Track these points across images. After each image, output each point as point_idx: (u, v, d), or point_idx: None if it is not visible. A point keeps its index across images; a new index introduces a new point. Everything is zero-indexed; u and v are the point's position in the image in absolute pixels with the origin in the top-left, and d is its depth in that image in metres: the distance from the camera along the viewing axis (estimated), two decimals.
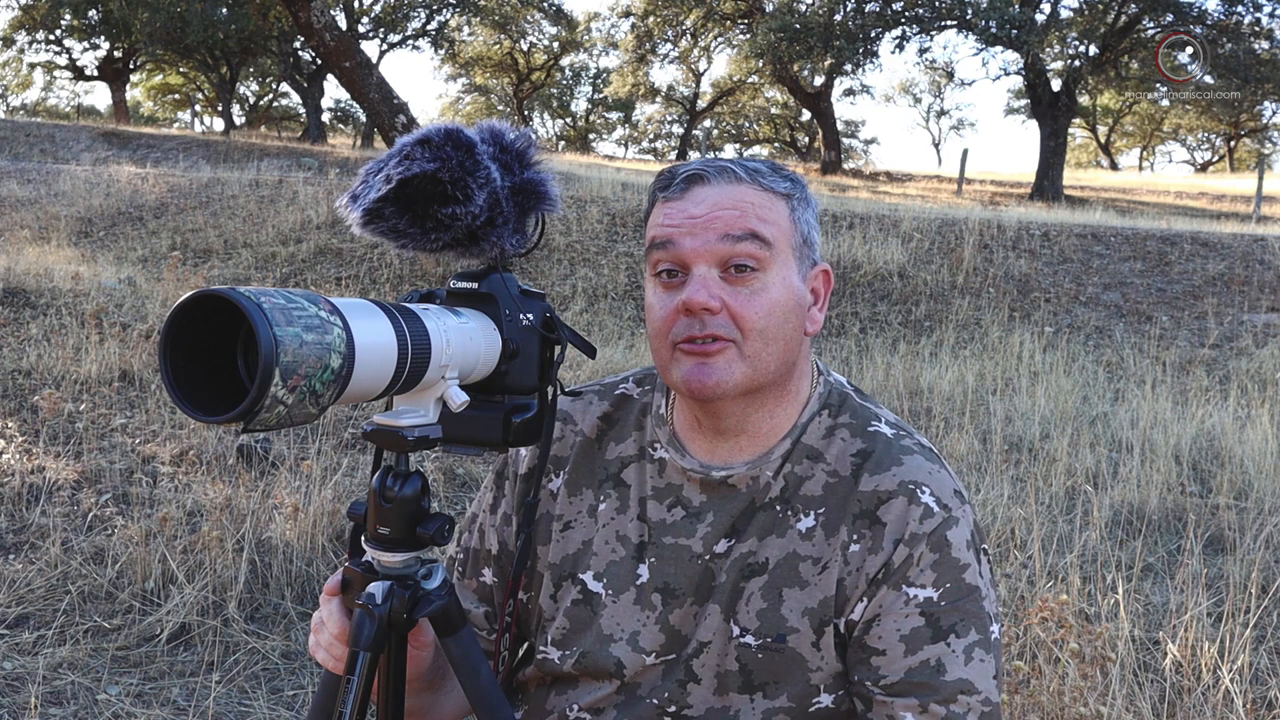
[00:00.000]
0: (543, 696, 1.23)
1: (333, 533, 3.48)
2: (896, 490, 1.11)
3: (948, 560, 1.09)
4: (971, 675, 1.07)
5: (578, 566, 1.20)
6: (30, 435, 4.32)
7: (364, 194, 0.98)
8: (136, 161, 16.95)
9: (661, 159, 40.55)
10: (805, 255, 1.14)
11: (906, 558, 1.09)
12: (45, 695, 2.67)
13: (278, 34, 25.49)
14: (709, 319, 1.08)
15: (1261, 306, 8.62)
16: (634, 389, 1.26)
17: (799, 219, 1.14)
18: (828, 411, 1.18)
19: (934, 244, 9.87)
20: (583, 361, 5.75)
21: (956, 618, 1.09)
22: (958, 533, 1.11)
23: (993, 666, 1.09)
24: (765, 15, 23.46)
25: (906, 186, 22.48)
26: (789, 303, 1.11)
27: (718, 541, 1.15)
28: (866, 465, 1.13)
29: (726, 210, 1.10)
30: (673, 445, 1.19)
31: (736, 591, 1.13)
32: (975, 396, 5.97)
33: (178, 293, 7.00)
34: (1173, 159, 71.35)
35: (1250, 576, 3.21)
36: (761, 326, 1.09)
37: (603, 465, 1.22)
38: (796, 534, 1.13)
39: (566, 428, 1.25)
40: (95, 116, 37.98)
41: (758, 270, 1.09)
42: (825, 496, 1.13)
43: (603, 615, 1.17)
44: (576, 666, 1.18)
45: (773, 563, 1.13)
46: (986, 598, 1.11)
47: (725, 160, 1.14)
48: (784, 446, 1.16)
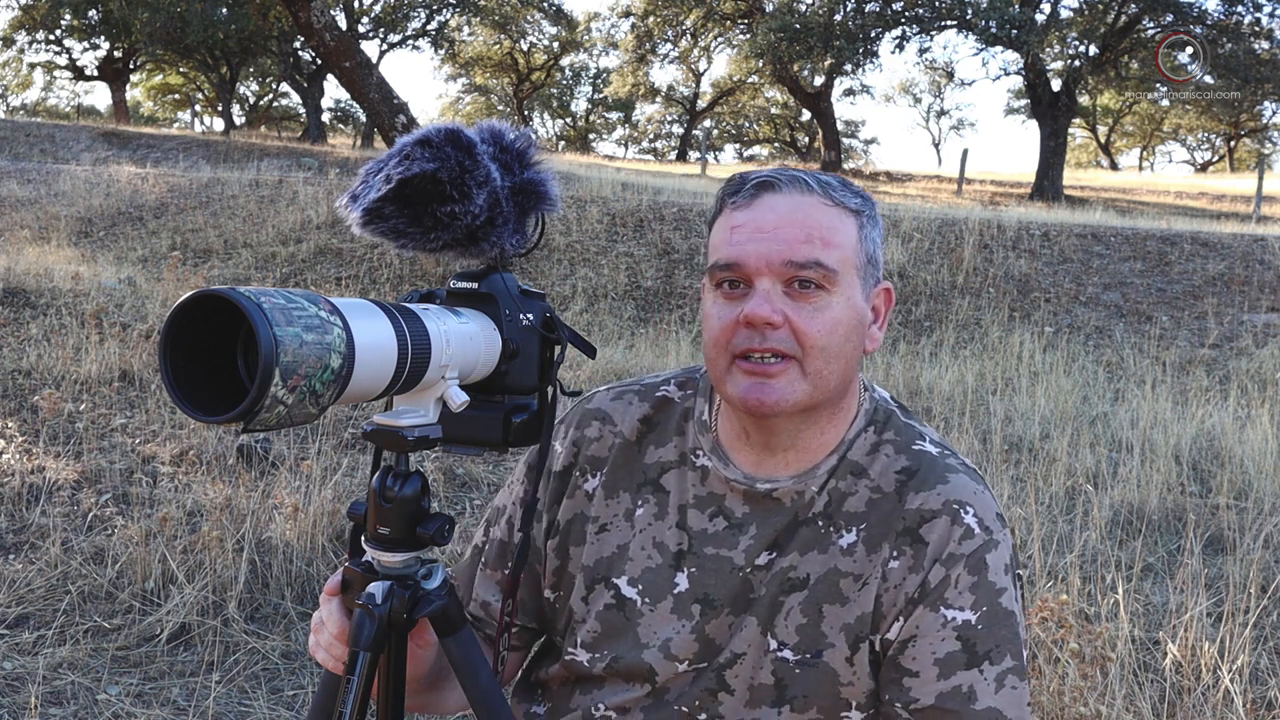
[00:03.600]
0: (567, 694, 1.23)
1: (333, 533, 3.48)
2: (941, 510, 1.10)
3: (985, 583, 1.09)
4: (1001, 704, 1.07)
5: (612, 570, 1.19)
6: (30, 435, 4.32)
7: (364, 194, 0.98)
8: (136, 161, 16.95)
9: (661, 159, 40.55)
10: (869, 274, 1.13)
11: (944, 578, 1.09)
12: (45, 695, 2.67)
13: (278, 34, 25.49)
14: (770, 333, 1.07)
15: (1261, 306, 8.62)
16: (676, 392, 1.24)
17: (866, 237, 1.12)
18: (873, 428, 1.17)
19: (934, 244, 9.87)
20: (583, 361, 5.75)
21: (992, 644, 1.08)
22: (996, 556, 1.10)
23: (1024, 694, 1.08)
24: (765, 15, 23.45)
25: (906, 186, 22.48)
26: (851, 321, 1.10)
27: (760, 555, 1.13)
28: (911, 483, 1.12)
29: (794, 228, 1.08)
30: (715, 454, 1.18)
31: (775, 606, 1.12)
32: (975, 396, 5.97)
33: (178, 293, 7.00)
34: (1173, 159, 71.37)
35: (1250, 576, 3.21)
36: (823, 344, 1.08)
37: (641, 469, 1.21)
38: (838, 550, 1.12)
39: (605, 428, 1.23)
40: (95, 116, 37.98)
41: (822, 289, 1.08)
42: (868, 513, 1.13)
43: (639, 623, 1.16)
44: (607, 670, 1.18)
45: (814, 579, 1.12)
46: (1020, 624, 1.10)
47: (798, 171, 1.13)
48: (830, 462, 1.15)
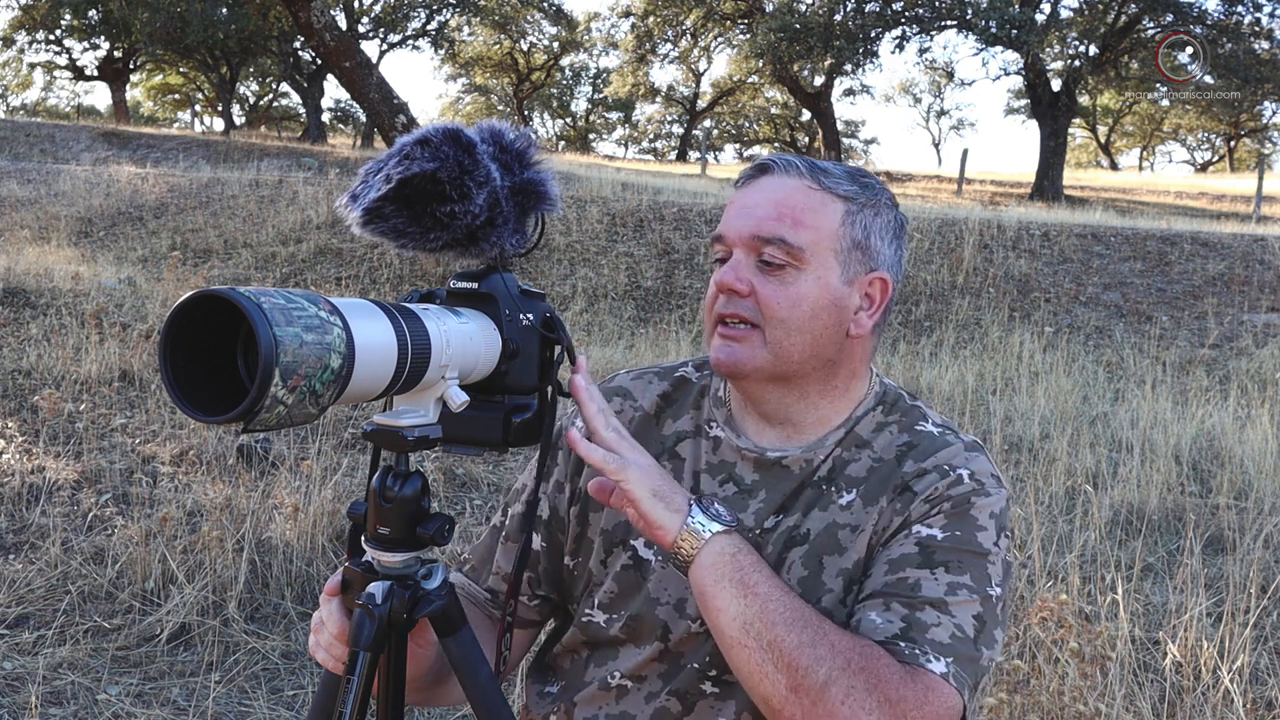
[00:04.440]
0: (580, 668, 1.25)
1: (333, 533, 3.48)
2: (933, 469, 1.14)
3: (965, 516, 1.10)
4: (948, 599, 1.05)
5: (630, 533, 1.22)
6: (30, 435, 4.32)
7: (364, 194, 0.99)
8: (136, 161, 16.95)
9: (661, 159, 40.55)
10: (855, 259, 1.16)
11: (925, 512, 1.11)
12: (45, 695, 2.67)
13: (278, 34, 25.49)
14: (737, 301, 1.14)
15: (1261, 306, 8.62)
16: (693, 373, 1.31)
17: (854, 223, 1.17)
18: (881, 408, 1.22)
19: (934, 244, 9.87)
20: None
21: (953, 558, 1.07)
22: (985, 501, 1.12)
23: (977, 611, 1.05)
24: (765, 15, 23.45)
25: (906, 186, 22.47)
26: (821, 300, 1.14)
27: (768, 518, 1.18)
28: (911, 454, 1.17)
29: (768, 206, 1.14)
30: (729, 425, 1.23)
31: (780, 562, 1.16)
32: (975, 396, 5.97)
33: (178, 293, 7.00)
34: (1173, 159, 71.32)
35: (1250, 576, 3.21)
36: (783, 316, 1.13)
37: (659, 439, 1.26)
38: (838, 508, 1.16)
39: (627, 403, 1.28)
40: (95, 116, 37.99)
41: (789, 266, 1.13)
42: (868, 477, 1.17)
43: (650, 579, 1.20)
44: (624, 630, 1.21)
45: (814, 534, 1.16)
46: (993, 564, 1.09)
47: (797, 157, 1.19)
48: (838, 435, 1.20)
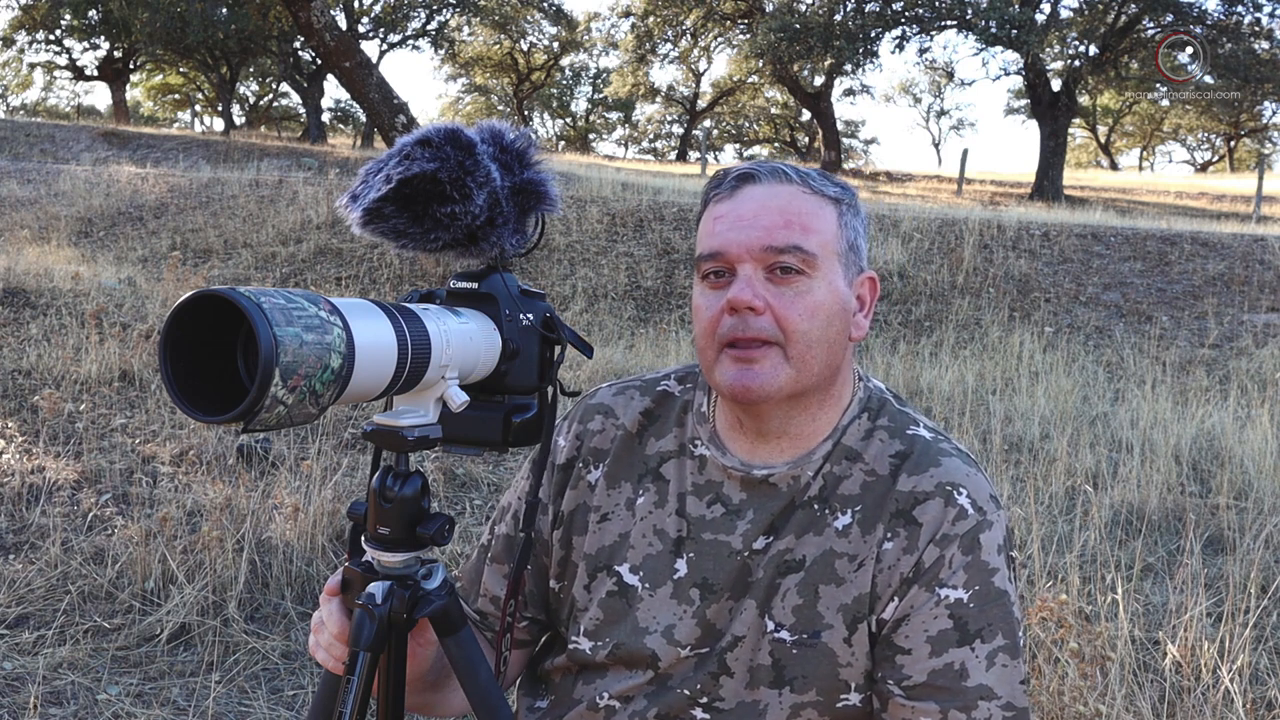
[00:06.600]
0: (569, 686, 1.23)
1: (333, 533, 3.48)
2: (934, 491, 1.12)
3: (978, 563, 1.10)
4: (993, 681, 1.07)
5: (614, 559, 1.20)
6: (30, 435, 4.32)
7: (364, 194, 0.99)
8: (136, 161, 16.95)
9: (661, 159, 40.55)
10: (851, 261, 1.15)
11: (938, 558, 1.10)
12: (45, 695, 2.67)
13: (278, 34, 25.49)
14: (752, 320, 1.09)
15: (1261, 306, 8.62)
16: (675, 386, 1.27)
17: (846, 225, 1.15)
18: (867, 415, 1.19)
19: (934, 244, 9.87)
20: (582, 361, 5.75)
21: (984, 622, 1.09)
22: (990, 536, 1.11)
23: (1018, 672, 1.09)
24: (765, 15, 23.45)
25: (906, 186, 22.47)
26: (833, 307, 1.12)
27: (757, 539, 1.15)
28: (905, 466, 1.14)
29: (773, 215, 1.11)
30: (713, 443, 1.20)
31: (773, 588, 1.14)
32: (975, 396, 5.97)
33: (178, 293, 7.00)
34: (1173, 159, 71.34)
35: (1250, 576, 3.21)
36: (805, 329, 1.10)
37: (642, 460, 1.23)
38: (833, 532, 1.13)
39: (608, 421, 1.25)
40: (95, 116, 37.98)
41: (802, 273, 1.10)
42: (862, 495, 1.14)
43: (639, 608, 1.18)
44: (609, 657, 1.19)
45: (809, 560, 1.13)
46: (1014, 604, 1.11)
47: (777, 163, 1.16)
48: (825, 448, 1.16)
